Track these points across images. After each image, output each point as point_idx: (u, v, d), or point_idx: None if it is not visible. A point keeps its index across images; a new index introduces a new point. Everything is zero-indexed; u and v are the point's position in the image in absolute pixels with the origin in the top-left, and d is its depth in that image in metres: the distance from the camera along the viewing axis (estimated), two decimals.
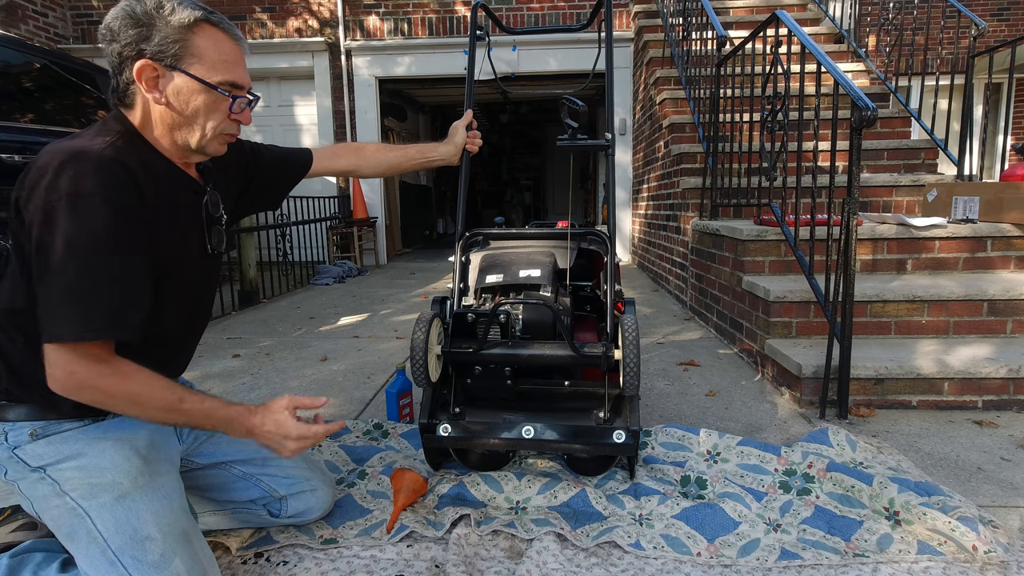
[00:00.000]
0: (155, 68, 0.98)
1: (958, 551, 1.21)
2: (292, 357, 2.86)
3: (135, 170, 0.96)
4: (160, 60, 0.97)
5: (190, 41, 0.99)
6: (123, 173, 0.94)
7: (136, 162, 0.98)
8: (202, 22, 1.00)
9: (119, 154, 0.95)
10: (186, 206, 1.09)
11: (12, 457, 0.99)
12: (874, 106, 1.80)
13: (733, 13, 5.29)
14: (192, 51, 0.99)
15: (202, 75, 1.00)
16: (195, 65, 0.99)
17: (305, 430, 1.06)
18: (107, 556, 0.95)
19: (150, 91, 0.99)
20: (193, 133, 1.04)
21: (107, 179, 0.91)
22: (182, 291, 1.10)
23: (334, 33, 6.51)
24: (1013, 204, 2.48)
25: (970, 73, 3.23)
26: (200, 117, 1.03)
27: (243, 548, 1.27)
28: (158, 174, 1.02)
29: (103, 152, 0.93)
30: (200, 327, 1.26)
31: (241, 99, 1.06)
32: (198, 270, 1.14)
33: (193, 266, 1.12)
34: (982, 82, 5.33)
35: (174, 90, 1.00)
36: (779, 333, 2.34)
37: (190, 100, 1.01)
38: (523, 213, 12.63)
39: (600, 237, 1.62)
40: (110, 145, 0.96)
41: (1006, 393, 2.02)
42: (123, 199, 0.93)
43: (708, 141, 3.36)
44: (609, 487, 1.50)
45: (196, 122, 1.03)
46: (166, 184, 1.04)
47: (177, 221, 1.06)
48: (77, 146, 0.93)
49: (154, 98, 1.00)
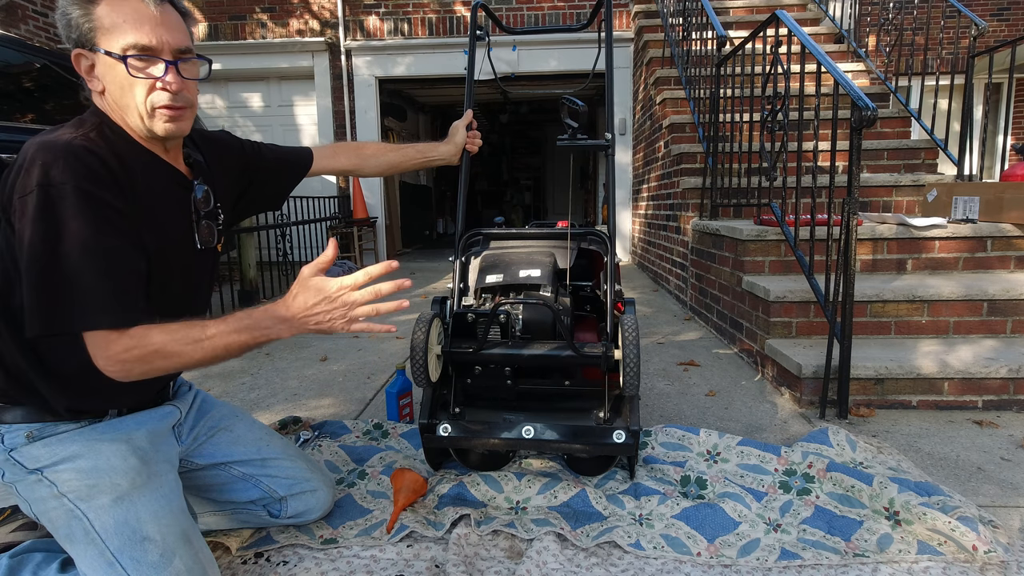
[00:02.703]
0: (82, 54, 0.95)
1: (958, 551, 1.21)
2: (292, 357, 2.86)
3: (107, 159, 0.93)
4: (83, 45, 0.94)
5: (92, 13, 0.93)
6: (94, 161, 0.91)
7: (109, 152, 0.95)
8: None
9: (90, 143, 0.93)
10: (169, 199, 1.06)
11: (9, 459, 0.99)
12: (874, 106, 1.80)
13: (733, 13, 5.29)
14: (98, 24, 0.93)
15: (108, 47, 0.93)
16: (103, 39, 0.93)
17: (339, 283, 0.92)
18: (106, 557, 0.95)
19: (89, 81, 0.96)
20: (130, 113, 0.98)
21: (77, 167, 0.89)
22: (169, 286, 1.06)
23: (334, 33, 6.51)
24: (1013, 204, 2.48)
25: (970, 73, 3.23)
26: (126, 94, 0.96)
27: (243, 548, 1.27)
28: (134, 165, 0.99)
29: (72, 141, 0.91)
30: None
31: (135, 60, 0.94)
32: (186, 265, 1.10)
33: (179, 261, 1.08)
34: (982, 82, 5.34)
35: (103, 73, 0.95)
36: (779, 333, 2.34)
37: (113, 78, 0.95)
38: (523, 213, 12.63)
39: (600, 237, 1.62)
40: (82, 136, 0.93)
41: (1006, 393, 2.02)
42: (95, 186, 0.90)
43: (708, 141, 3.36)
44: (609, 487, 1.50)
45: (126, 101, 0.97)
46: (144, 175, 1.00)
47: (157, 213, 1.02)
48: (49, 138, 0.91)
49: (94, 86, 0.96)
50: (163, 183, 1.04)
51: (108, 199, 0.91)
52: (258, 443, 1.29)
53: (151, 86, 0.96)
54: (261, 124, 6.89)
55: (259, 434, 1.31)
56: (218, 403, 1.34)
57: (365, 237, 6.74)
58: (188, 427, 1.24)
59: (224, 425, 1.28)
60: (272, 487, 1.26)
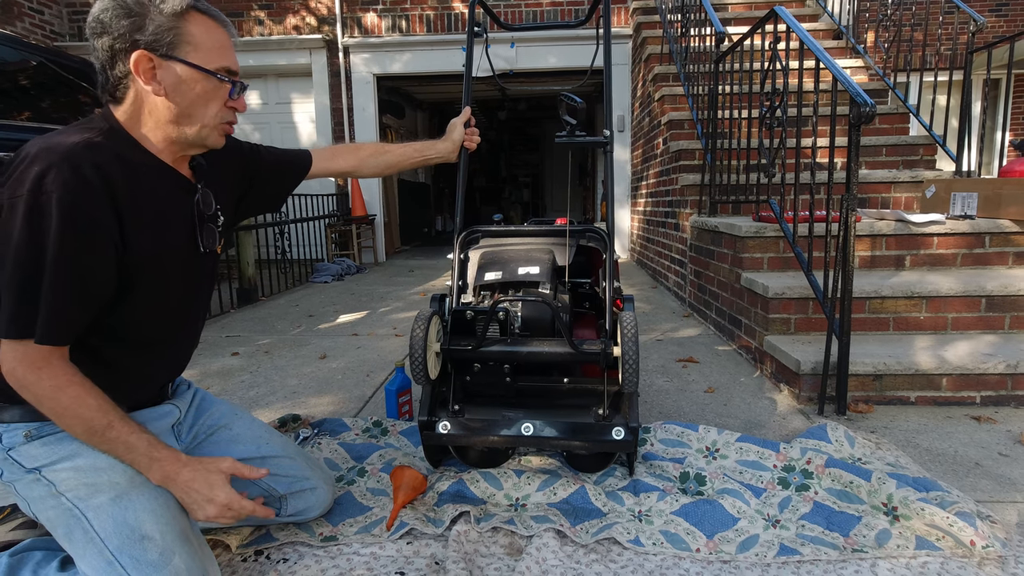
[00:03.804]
0: (151, 59, 0.96)
1: (956, 546, 1.22)
2: (291, 355, 2.85)
3: (109, 168, 0.94)
4: (156, 50, 0.96)
5: (183, 29, 0.98)
6: (91, 171, 0.91)
7: (113, 159, 0.96)
8: (192, 9, 0.99)
9: (94, 151, 0.93)
10: (173, 204, 1.07)
11: (7, 459, 0.99)
12: (872, 102, 1.80)
13: (731, 9, 5.28)
14: (186, 39, 0.98)
15: (200, 62, 0.99)
16: (191, 53, 0.99)
17: (235, 500, 1.01)
18: (105, 556, 0.95)
19: (148, 83, 0.97)
20: (193, 124, 1.03)
21: (70, 179, 0.89)
22: (168, 289, 1.08)
23: (332, 30, 6.49)
24: (1011, 200, 2.49)
25: (968, 69, 3.23)
26: (200, 106, 1.02)
27: (243, 546, 1.27)
28: (139, 171, 1.00)
29: (74, 149, 0.91)
30: (194, 327, 1.23)
31: (239, 84, 1.06)
32: (188, 268, 1.12)
33: (181, 264, 1.09)
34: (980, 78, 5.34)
35: (173, 80, 0.99)
36: (778, 329, 2.35)
37: (189, 89, 1.00)
38: (522, 210, 12.62)
39: (599, 234, 1.62)
40: (86, 142, 0.93)
41: (1004, 389, 2.02)
42: (86, 197, 0.90)
43: (707, 138, 3.35)
44: (608, 484, 1.50)
45: (196, 112, 1.02)
46: (148, 181, 1.01)
47: (160, 219, 1.03)
48: (53, 142, 0.91)
49: (153, 89, 0.98)
50: (167, 188, 1.06)
51: (94, 214, 0.92)
52: (258, 441, 1.29)
53: (224, 103, 1.05)
54: (259, 122, 6.87)
55: (259, 432, 1.31)
56: (217, 401, 1.34)
57: (363, 235, 6.73)
58: (187, 426, 1.25)
59: (224, 423, 1.29)
60: (272, 485, 1.26)
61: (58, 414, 0.93)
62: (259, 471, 1.08)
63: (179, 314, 1.14)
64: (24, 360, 0.91)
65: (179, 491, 1.00)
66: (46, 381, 0.91)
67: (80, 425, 0.94)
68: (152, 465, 0.99)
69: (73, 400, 0.93)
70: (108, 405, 0.96)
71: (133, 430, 0.98)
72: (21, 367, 0.91)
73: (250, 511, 1.03)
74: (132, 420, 0.99)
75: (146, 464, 0.99)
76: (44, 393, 0.92)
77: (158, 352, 1.13)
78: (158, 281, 1.04)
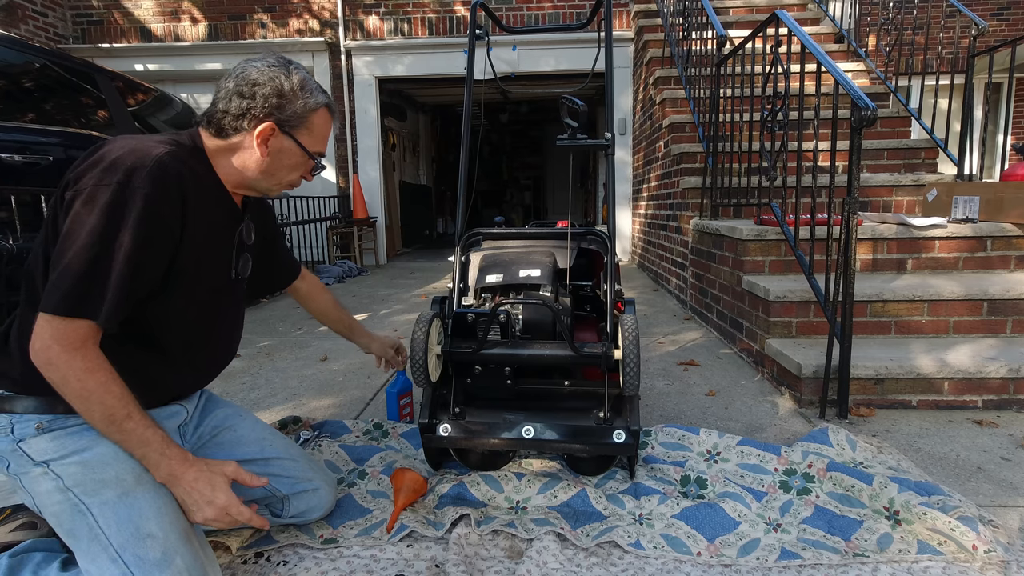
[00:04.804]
0: (274, 130, 1.10)
1: (958, 550, 1.21)
2: (292, 357, 2.86)
3: (187, 179, 1.03)
4: (281, 126, 1.11)
5: (309, 118, 1.14)
6: (175, 177, 1.00)
7: (192, 174, 1.05)
8: (324, 106, 1.16)
9: (178, 160, 1.02)
10: (223, 226, 1.16)
11: (16, 450, 1.00)
12: (874, 106, 1.80)
13: (733, 12, 5.29)
14: (307, 125, 1.14)
15: (307, 145, 1.15)
16: (305, 136, 1.14)
17: (234, 505, 1.02)
18: (108, 553, 0.95)
19: (260, 146, 1.10)
20: (270, 180, 1.17)
21: (158, 178, 0.97)
22: (197, 300, 1.12)
23: (334, 33, 6.51)
24: (1013, 203, 2.48)
25: (970, 73, 3.23)
26: (284, 171, 1.16)
27: (243, 548, 1.27)
28: (207, 190, 1.10)
29: (164, 156, 0.99)
30: (218, 348, 1.25)
31: (320, 165, 1.22)
32: (218, 288, 1.18)
33: (213, 282, 1.16)
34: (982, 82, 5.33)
35: (278, 148, 1.13)
36: (779, 333, 2.34)
37: (287, 158, 1.15)
38: (523, 213, 12.63)
39: (600, 237, 1.62)
40: (173, 153, 1.02)
41: (1006, 393, 2.02)
42: (164, 202, 0.98)
43: (708, 141, 3.36)
44: (609, 487, 1.50)
45: (278, 173, 1.16)
46: (211, 201, 1.11)
47: (210, 237, 1.11)
48: (141, 144, 1.00)
49: (260, 151, 1.11)
50: (222, 211, 1.15)
51: (167, 218, 1.00)
52: (261, 443, 1.29)
53: (302, 175, 1.20)
54: None
55: (262, 433, 1.32)
56: (222, 402, 1.35)
57: (365, 237, 6.74)
58: (193, 426, 1.26)
59: (228, 424, 1.29)
60: (275, 486, 1.26)
61: (82, 397, 0.94)
62: (260, 480, 1.08)
63: (203, 330, 1.17)
64: (63, 339, 0.92)
65: (182, 491, 1.01)
66: (79, 362, 0.93)
67: (101, 411, 0.95)
68: (162, 462, 1.00)
69: (99, 385, 0.94)
70: (129, 397, 0.97)
71: (149, 424, 0.99)
72: (58, 345, 0.92)
73: (247, 518, 1.03)
74: (148, 415, 1.01)
75: (156, 460, 0.99)
76: (73, 374, 0.93)
77: (178, 362, 1.14)
78: (190, 290, 1.09)
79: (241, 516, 1.02)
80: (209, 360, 1.24)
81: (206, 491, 1.01)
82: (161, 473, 1.00)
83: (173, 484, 1.01)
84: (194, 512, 1.01)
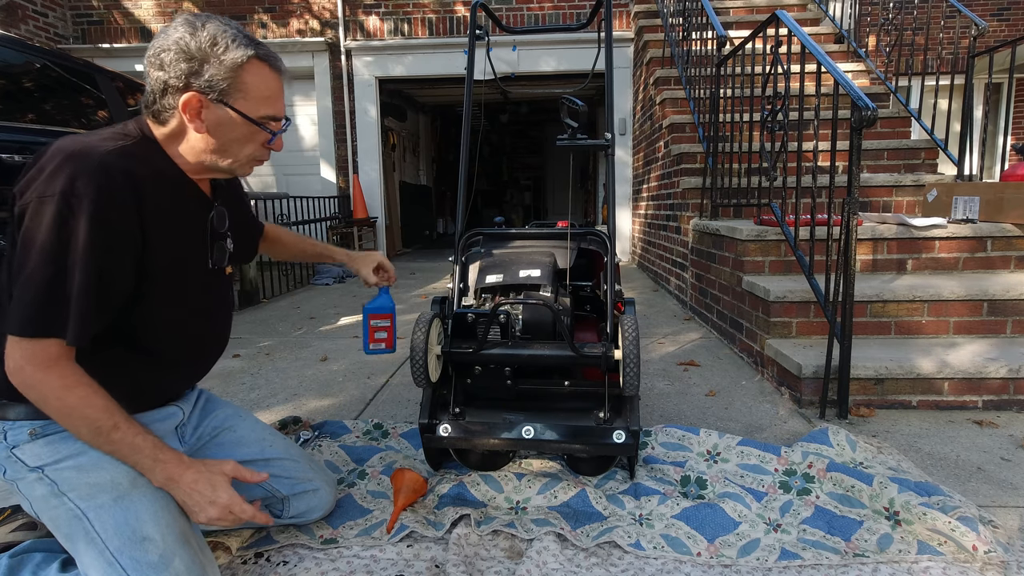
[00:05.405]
0: (201, 100, 0.99)
1: (958, 551, 1.21)
2: (292, 357, 2.86)
3: (139, 177, 0.96)
4: (207, 94, 0.99)
5: (239, 77, 1.00)
6: (122, 179, 0.93)
7: (143, 167, 0.98)
8: (253, 59, 1.01)
9: (125, 159, 0.95)
10: (191, 217, 1.10)
11: (11, 457, 0.99)
12: (874, 106, 1.80)
13: (733, 13, 5.29)
14: (239, 87, 1.01)
15: (246, 110, 1.02)
16: (240, 100, 1.01)
17: (237, 503, 1.01)
18: (105, 557, 0.95)
19: (192, 121, 1.00)
20: (226, 158, 1.07)
21: (103, 183, 0.91)
22: (178, 300, 1.09)
23: (334, 33, 6.51)
24: (1013, 204, 2.48)
25: (970, 73, 3.23)
26: (236, 146, 1.06)
27: (243, 548, 1.27)
28: (165, 182, 1.03)
29: (107, 155, 0.93)
30: (206, 345, 1.23)
31: (280, 133, 1.09)
32: (197, 283, 1.13)
33: (191, 277, 1.11)
34: (982, 82, 5.33)
35: (216, 121, 1.02)
36: (779, 333, 2.34)
37: (230, 131, 1.03)
38: (523, 213, 12.63)
39: (600, 237, 1.62)
40: (119, 149, 0.96)
41: (1006, 393, 2.02)
42: (113, 206, 0.92)
43: (708, 141, 3.36)
44: (609, 487, 1.50)
45: (231, 149, 1.06)
46: (172, 193, 1.04)
47: (177, 230, 1.06)
48: (84, 145, 0.93)
49: (195, 127, 1.01)
50: (187, 202, 1.09)
51: (121, 221, 0.94)
52: (261, 443, 1.29)
53: (261, 145, 1.08)
54: None
55: (262, 434, 1.31)
56: (222, 403, 1.34)
57: (365, 237, 6.73)
58: (192, 427, 1.25)
59: (228, 425, 1.29)
60: (275, 487, 1.26)
61: (64, 414, 0.93)
62: (260, 475, 1.08)
63: (189, 329, 1.14)
64: (33, 359, 0.91)
65: (182, 493, 1.00)
66: (55, 381, 0.91)
67: (86, 426, 0.94)
68: (156, 467, 0.99)
69: (80, 400, 0.93)
70: (114, 407, 0.96)
71: (138, 432, 0.98)
72: (30, 366, 0.91)
73: (250, 515, 1.03)
74: (137, 422, 0.99)
75: (150, 466, 0.99)
76: (51, 393, 0.92)
77: (169, 364, 1.13)
78: (169, 290, 1.06)
79: (244, 514, 1.02)
80: (199, 356, 1.22)
81: (207, 491, 1.00)
82: (158, 478, 1.00)
83: (172, 487, 1.00)
84: (197, 513, 1.01)
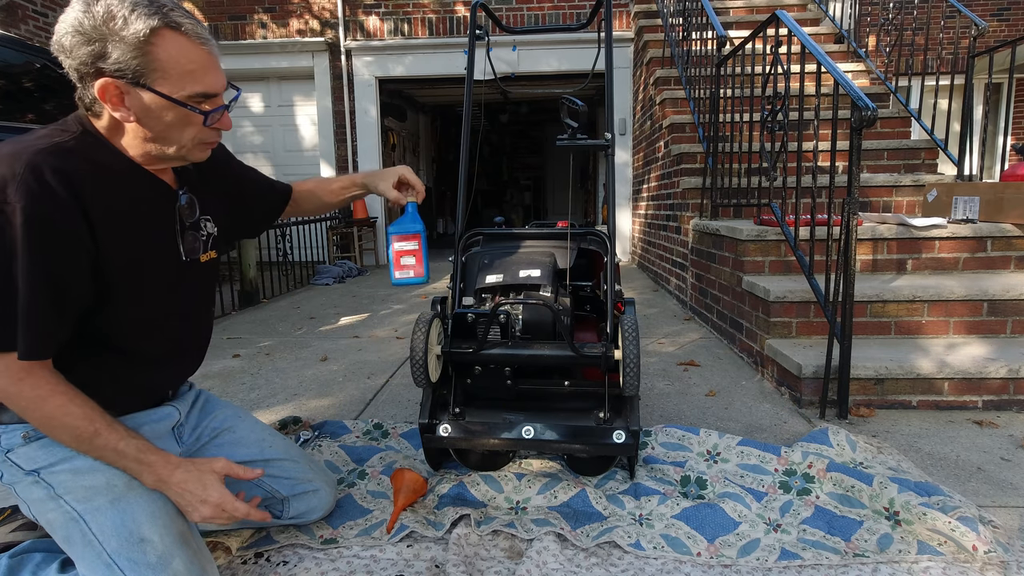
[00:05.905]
0: (117, 86, 0.89)
1: (958, 551, 1.21)
2: (292, 357, 2.86)
3: (77, 174, 0.90)
4: (121, 77, 0.89)
5: (150, 54, 0.89)
6: (56, 176, 0.87)
7: (84, 164, 0.92)
8: (162, 29, 0.89)
9: (61, 158, 0.89)
10: (151, 210, 1.03)
11: (6, 460, 0.99)
12: (874, 106, 1.80)
13: (733, 13, 5.29)
14: (155, 65, 0.89)
15: (169, 91, 0.91)
16: (160, 80, 0.90)
17: (229, 500, 1.00)
18: (103, 559, 0.95)
19: (116, 110, 0.92)
20: (169, 146, 0.98)
21: (34, 188, 0.85)
22: (150, 297, 1.04)
23: (334, 33, 6.51)
24: (1013, 204, 2.48)
25: (970, 73, 3.23)
26: (174, 132, 0.96)
27: (243, 548, 1.27)
28: (113, 176, 0.96)
29: (37, 156, 0.87)
30: (190, 339, 1.20)
31: (215, 113, 0.97)
32: (170, 277, 1.08)
33: (161, 272, 1.06)
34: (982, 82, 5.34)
35: (141, 107, 0.92)
36: (779, 333, 2.34)
37: (160, 117, 0.94)
38: (523, 213, 12.63)
39: (600, 237, 1.62)
40: (53, 147, 0.90)
41: (1006, 393, 2.02)
42: (48, 210, 0.86)
43: (708, 141, 3.36)
44: (609, 487, 1.50)
45: (170, 135, 0.97)
46: (123, 186, 0.98)
47: (135, 225, 1.00)
48: (13, 149, 0.87)
49: (122, 116, 0.93)
50: (143, 193, 1.02)
51: (62, 223, 0.88)
52: (261, 444, 1.29)
53: (202, 127, 0.98)
54: (261, 124, 6.89)
55: (262, 435, 1.31)
56: (221, 403, 1.34)
57: (365, 237, 6.74)
58: (190, 428, 1.25)
59: (227, 426, 1.28)
60: (275, 488, 1.26)
61: (44, 423, 0.93)
62: (254, 472, 1.07)
63: (169, 324, 1.11)
64: (4, 372, 0.89)
65: (173, 493, 1.00)
66: (28, 392, 0.90)
67: (66, 434, 0.94)
68: (143, 470, 0.98)
69: (57, 409, 0.92)
70: (94, 412, 0.95)
71: (122, 436, 0.97)
72: (2, 379, 0.90)
73: (244, 513, 1.02)
74: (121, 425, 0.98)
75: (137, 469, 0.98)
76: (27, 404, 0.91)
77: (150, 362, 1.10)
78: (137, 288, 1.01)
79: (237, 511, 1.01)
80: (180, 352, 1.18)
81: (197, 490, 1.00)
82: (148, 481, 0.99)
83: (163, 488, 1.00)
84: (190, 512, 1.00)
